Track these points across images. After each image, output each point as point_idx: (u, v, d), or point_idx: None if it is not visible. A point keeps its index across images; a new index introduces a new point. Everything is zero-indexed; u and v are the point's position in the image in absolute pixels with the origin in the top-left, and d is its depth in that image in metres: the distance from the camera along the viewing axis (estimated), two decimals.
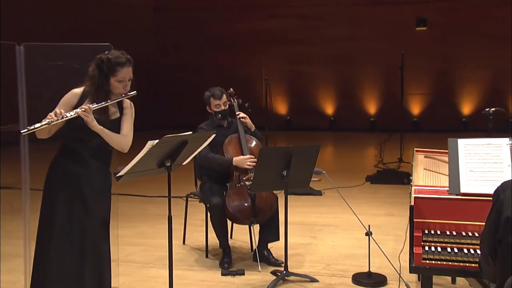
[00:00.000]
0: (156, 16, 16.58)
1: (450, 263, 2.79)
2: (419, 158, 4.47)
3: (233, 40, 15.74)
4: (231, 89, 5.11)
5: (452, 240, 2.85)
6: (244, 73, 15.08)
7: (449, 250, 2.82)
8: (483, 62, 14.39)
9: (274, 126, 15.27)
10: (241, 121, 4.94)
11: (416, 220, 2.94)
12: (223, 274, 4.58)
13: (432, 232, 2.91)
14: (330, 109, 15.74)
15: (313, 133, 14.90)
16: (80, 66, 3.54)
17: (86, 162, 3.27)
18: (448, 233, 2.89)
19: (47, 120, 3.04)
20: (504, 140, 2.98)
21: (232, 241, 5.46)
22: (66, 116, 3.10)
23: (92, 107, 3.17)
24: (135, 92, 3.35)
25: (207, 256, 5.02)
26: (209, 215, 4.87)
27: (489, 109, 4.14)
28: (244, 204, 4.71)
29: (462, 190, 2.94)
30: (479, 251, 2.67)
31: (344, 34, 15.12)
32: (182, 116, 14.15)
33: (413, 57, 14.02)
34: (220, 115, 4.94)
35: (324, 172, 4.80)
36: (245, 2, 15.60)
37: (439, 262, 2.81)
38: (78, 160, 3.27)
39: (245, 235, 5.34)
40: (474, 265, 2.75)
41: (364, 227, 4.39)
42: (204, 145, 3.59)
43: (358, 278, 4.44)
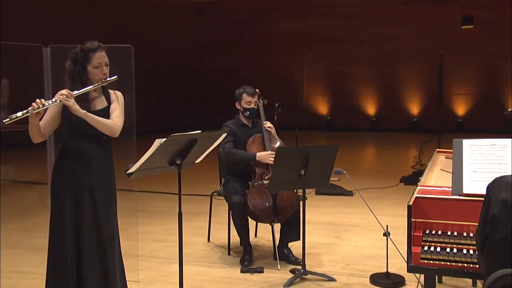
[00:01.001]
0: (198, 18, 16.80)
1: (449, 263, 2.77)
2: (439, 158, 4.43)
3: (273, 41, 15.81)
4: (257, 90, 5.18)
5: (452, 241, 2.83)
6: (285, 74, 15.12)
7: (448, 250, 2.80)
8: None
9: (314, 126, 15.34)
10: (267, 131, 4.98)
11: (418, 220, 2.93)
12: (242, 271, 4.65)
13: (433, 232, 2.89)
14: (371, 109, 15.59)
15: (354, 133, 14.80)
16: None
17: (85, 156, 3.36)
18: (449, 233, 2.86)
19: (28, 109, 3.13)
20: (509, 141, 2.93)
21: (256, 239, 5.54)
22: (48, 104, 3.19)
23: (73, 93, 3.25)
24: (115, 77, 3.41)
25: (229, 254, 5.11)
26: (230, 213, 4.95)
27: (511, 109, 4.06)
28: (265, 202, 4.77)
29: (465, 191, 2.91)
30: None
31: (386, 33, 14.94)
32: (222, 116, 14.32)
33: (458, 56, 13.75)
34: (248, 113, 5.01)
35: (345, 172, 4.80)
36: (285, 2, 15.64)
37: (437, 262, 2.79)
38: (77, 156, 3.36)
39: (269, 234, 5.39)
40: (473, 265, 2.72)
41: (382, 227, 4.38)
42: (215, 144, 3.66)
43: (375, 279, 4.43)
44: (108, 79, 3.40)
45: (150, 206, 6.95)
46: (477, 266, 2.69)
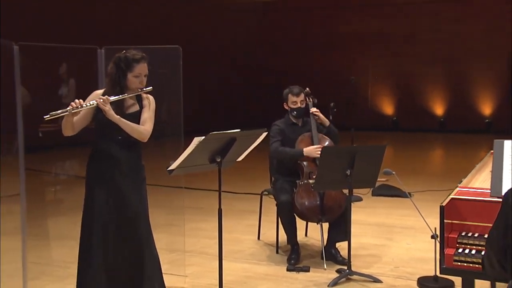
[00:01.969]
0: (262, 18, 16.89)
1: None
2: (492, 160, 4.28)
3: (337, 41, 15.67)
4: (307, 88, 5.19)
5: None
6: (351, 74, 14.95)
7: (483, 253, 2.72)
8: None
9: (380, 126, 15.09)
10: (314, 118, 5.00)
11: (454, 221, 2.87)
12: (288, 270, 4.68)
13: (469, 234, 2.82)
14: (439, 109, 15.13)
15: (420, 134, 14.44)
16: (152, 67, 3.80)
17: (114, 156, 3.50)
18: (486, 236, 2.78)
19: (67, 108, 3.32)
20: None
21: (306, 239, 5.55)
22: (86, 105, 3.37)
23: (110, 99, 3.41)
24: (151, 87, 3.56)
25: (277, 252, 5.15)
26: (277, 212, 4.99)
27: None
28: (312, 201, 4.78)
29: (504, 193, 2.81)
30: None
31: (455, 31, 14.45)
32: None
33: None
34: (295, 112, 5.04)
35: (394, 172, 4.73)
36: (350, 2, 15.47)
37: (471, 265, 2.71)
38: (107, 156, 3.51)
39: (319, 233, 5.39)
40: None
41: (430, 229, 4.29)
42: (256, 142, 3.72)
43: (423, 282, 4.34)
44: (144, 89, 3.55)
45: (207, 204, 7.10)
46: None
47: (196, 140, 3.31)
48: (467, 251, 2.77)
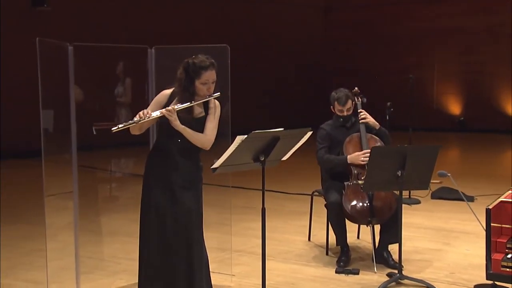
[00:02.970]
0: (325, 16, 16.69)
1: None
2: None
3: (402, 38, 15.24)
4: (356, 88, 5.08)
5: None
6: (416, 73, 14.55)
7: None
8: None
9: (446, 127, 14.57)
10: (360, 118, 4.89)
11: (504, 225, 2.71)
12: (337, 272, 4.59)
13: None
14: (511, 109, 14.42)
15: (490, 135, 13.81)
16: None
17: (174, 158, 3.53)
18: None
19: (134, 119, 3.39)
20: None
21: (358, 241, 5.42)
22: (152, 116, 3.42)
23: (176, 108, 3.43)
24: (218, 93, 3.55)
25: (327, 254, 5.06)
26: (327, 213, 4.91)
27: None
28: (360, 203, 4.66)
29: None
30: None
31: None
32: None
33: None
34: (342, 120, 4.95)
35: (449, 174, 4.55)
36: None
37: None
38: (167, 156, 3.54)
39: None
40: None
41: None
42: (301, 141, 3.66)
43: None
44: (211, 96, 3.55)
45: (260, 204, 7.07)
46: None
47: (238, 138, 3.29)
48: None
